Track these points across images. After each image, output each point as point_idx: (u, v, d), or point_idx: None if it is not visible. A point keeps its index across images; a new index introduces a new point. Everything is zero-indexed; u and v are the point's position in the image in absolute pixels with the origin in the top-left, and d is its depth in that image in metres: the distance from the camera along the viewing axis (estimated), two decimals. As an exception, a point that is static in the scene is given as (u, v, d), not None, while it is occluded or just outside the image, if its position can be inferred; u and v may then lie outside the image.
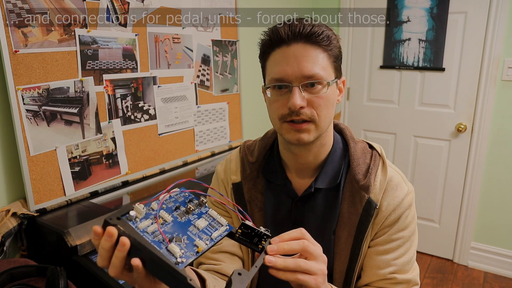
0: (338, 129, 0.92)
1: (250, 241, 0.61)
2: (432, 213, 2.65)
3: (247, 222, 0.61)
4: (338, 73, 0.81)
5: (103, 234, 0.50)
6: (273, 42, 0.78)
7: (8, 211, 1.22)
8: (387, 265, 0.81)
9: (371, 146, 0.89)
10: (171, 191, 0.60)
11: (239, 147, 0.97)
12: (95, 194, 1.45)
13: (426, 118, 2.55)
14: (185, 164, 1.84)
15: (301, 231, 0.62)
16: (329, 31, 0.77)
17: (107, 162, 1.50)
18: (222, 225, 0.60)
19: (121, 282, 1.08)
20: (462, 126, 2.42)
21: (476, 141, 2.41)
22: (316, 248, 0.62)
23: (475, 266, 2.56)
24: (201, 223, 0.58)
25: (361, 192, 0.81)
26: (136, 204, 0.55)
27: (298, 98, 0.74)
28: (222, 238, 0.59)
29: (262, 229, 0.61)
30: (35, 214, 1.26)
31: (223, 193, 0.94)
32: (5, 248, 1.19)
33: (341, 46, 0.81)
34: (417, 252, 0.84)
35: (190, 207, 0.60)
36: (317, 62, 0.75)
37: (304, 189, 0.86)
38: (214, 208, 0.91)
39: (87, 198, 1.41)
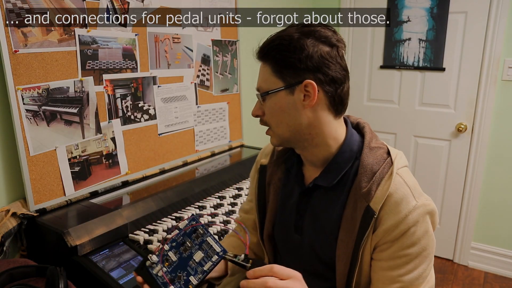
0: (362, 133, 0.89)
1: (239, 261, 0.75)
2: (432, 213, 2.64)
3: (229, 254, 0.74)
4: (291, 79, 0.79)
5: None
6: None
7: (8, 211, 1.22)
8: (393, 281, 0.80)
9: (389, 153, 0.85)
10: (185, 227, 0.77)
11: None
12: (95, 194, 1.45)
13: (426, 118, 2.55)
14: (185, 164, 1.84)
15: (272, 269, 0.70)
16: (284, 40, 0.79)
17: (107, 162, 1.50)
18: (217, 252, 0.74)
19: (121, 282, 1.08)
20: (462, 126, 2.42)
21: (476, 141, 2.41)
22: (279, 283, 0.68)
23: (475, 266, 2.56)
24: (198, 256, 0.74)
25: (362, 199, 0.81)
26: (150, 255, 0.76)
27: (255, 108, 0.88)
28: (214, 268, 0.73)
29: (241, 258, 0.74)
30: (35, 214, 1.26)
31: (255, 173, 1.05)
32: (5, 248, 1.19)
33: (305, 49, 0.77)
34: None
35: (194, 239, 0.75)
36: (261, 76, 0.85)
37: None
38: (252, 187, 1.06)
39: (87, 198, 1.41)
